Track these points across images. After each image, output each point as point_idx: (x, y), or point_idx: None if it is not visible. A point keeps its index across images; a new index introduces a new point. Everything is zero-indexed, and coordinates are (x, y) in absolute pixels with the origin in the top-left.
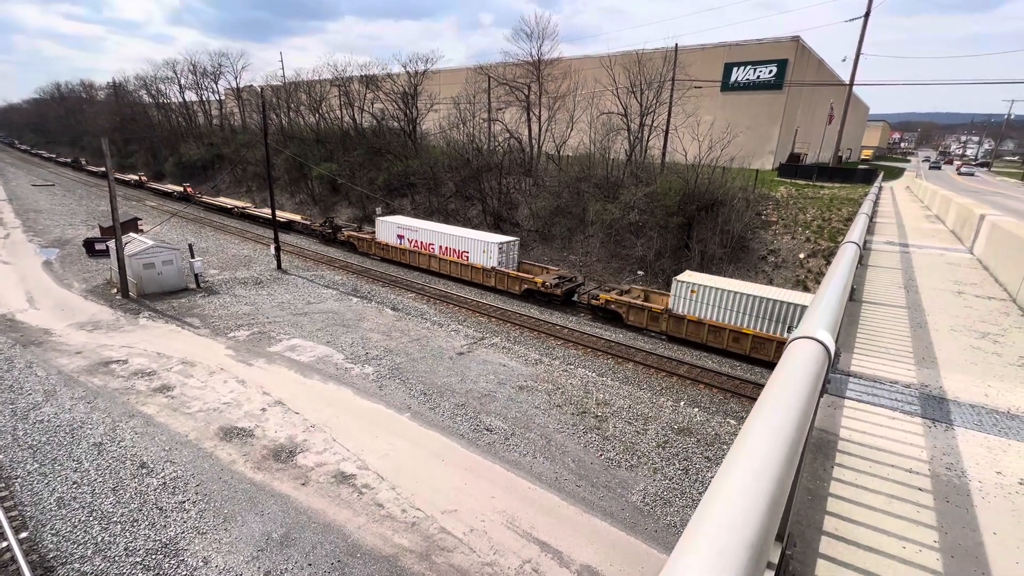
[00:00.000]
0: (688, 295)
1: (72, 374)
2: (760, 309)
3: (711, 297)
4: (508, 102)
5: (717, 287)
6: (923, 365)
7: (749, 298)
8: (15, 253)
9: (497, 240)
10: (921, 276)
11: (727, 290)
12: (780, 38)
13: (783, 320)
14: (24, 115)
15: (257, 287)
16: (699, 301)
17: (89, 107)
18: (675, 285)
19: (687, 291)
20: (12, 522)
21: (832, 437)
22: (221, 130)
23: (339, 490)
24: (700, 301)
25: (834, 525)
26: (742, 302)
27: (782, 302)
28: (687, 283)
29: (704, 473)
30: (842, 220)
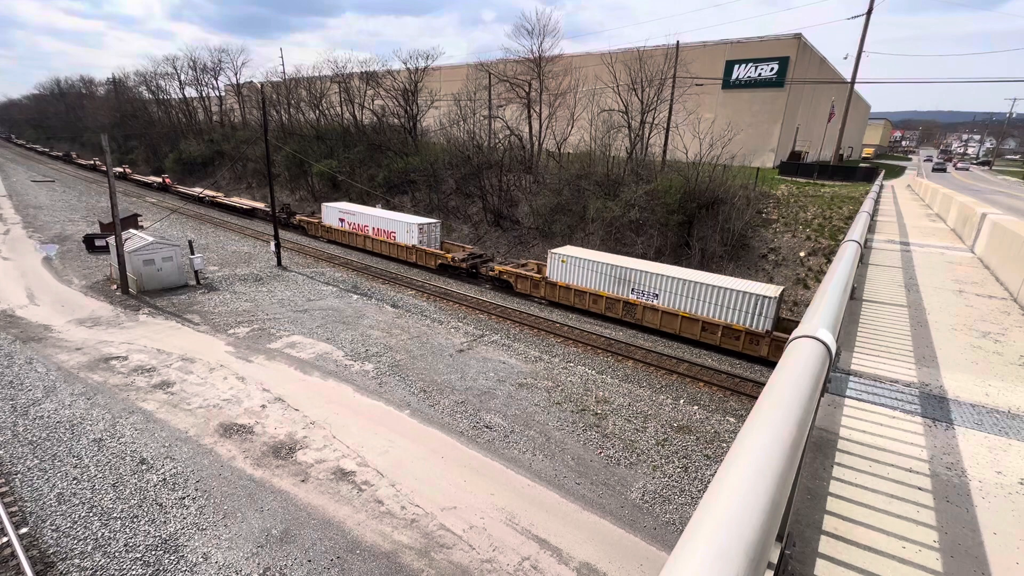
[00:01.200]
0: (560, 264)
1: (72, 370)
2: (615, 276)
3: (577, 266)
4: (509, 99)
5: (581, 258)
6: (923, 364)
7: (606, 266)
8: (15, 249)
9: (418, 221)
10: (922, 275)
11: (589, 260)
12: (782, 36)
13: (630, 283)
14: (24, 111)
15: (257, 284)
16: (568, 270)
17: (89, 103)
18: (550, 256)
19: (559, 261)
20: (12, 518)
21: (832, 436)
22: (221, 126)
23: (339, 487)
24: (569, 270)
25: (834, 524)
26: (602, 270)
27: (631, 269)
28: (559, 254)
29: (703, 471)
30: (843, 218)
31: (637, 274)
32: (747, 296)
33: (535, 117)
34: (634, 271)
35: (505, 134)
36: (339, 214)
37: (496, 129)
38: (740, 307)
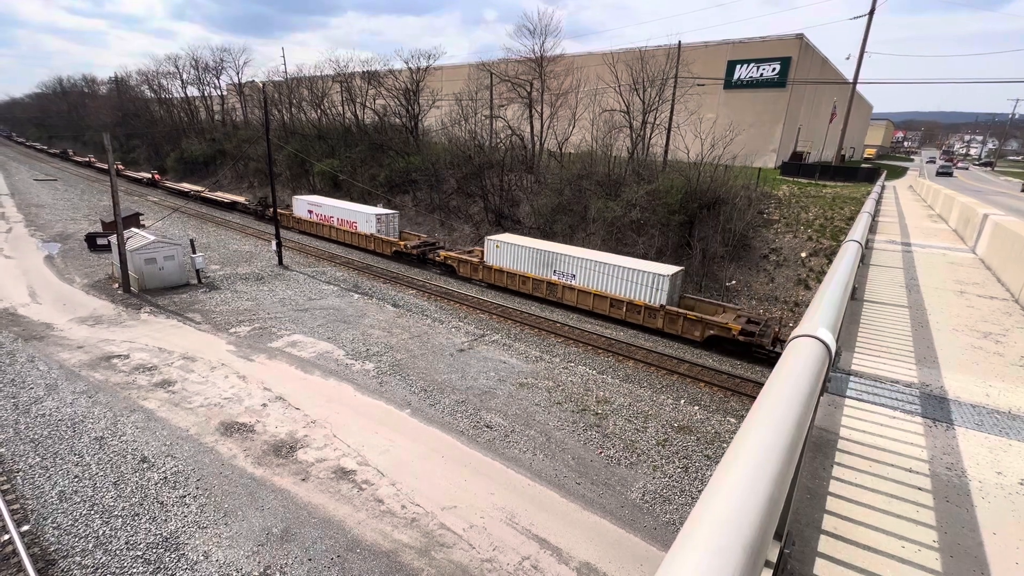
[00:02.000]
0: (495, 250)
1: (74, 368)
2: (540, 259)
3: (510, 251)
4: (510, 99)
5: (513, 243)
6: (924, 364)
7: (532, 251)
8: (17, 247)
9: (376, 212)
10: (923, 275)
11: (519, 245)
12: (784, 36)
13: (552, 266)
14: (26, 109)
15: (258, 283)
16: (503, 255)
17: (91, 102)
18: (487, 243)
19: (494, 247)
20: (14, 515)
21: (832, 436)
22: (223, 125)
23: (339, 486)
24: (503, 255)
25: (833, 524)
26: (529, 255)
27: (552, 252)
28: (494, 240)
29: (704, 471)
30: (844, 219)
31: (557, 257)
32: (645, 275)
33: (537, 117)
34: (555, 254)
35: (507, 134)
36: (308, 206)
37: (497, 129)
38: (640, 284)
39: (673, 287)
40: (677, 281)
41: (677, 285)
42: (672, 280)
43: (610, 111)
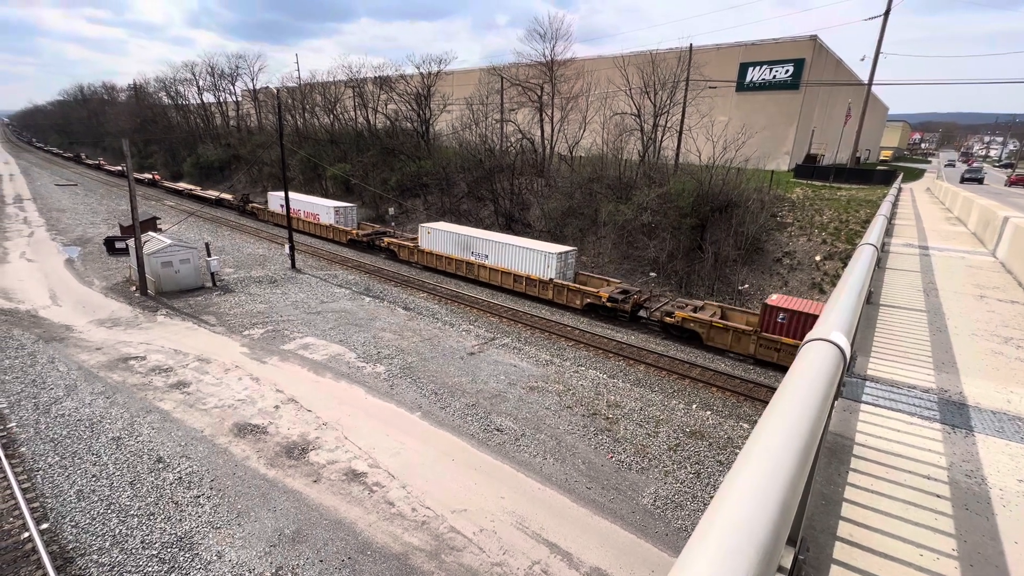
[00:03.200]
0: (427, 235)
1: (92, 369)
2: (460, 242)
3: (438, 236)
4: (521, 103)
5: (440, 229)
6: (942, 370)
7: (454, 235)
8: (39, 251)
9: (334, 205)
10: (941, 279)
11: (444, 231)
12: (797, 37)
13: (470, 248)
14: (48, 116)
15: (272, 286)
16: (433, 240)
17: (111, 109)
18: (420, 229)
19: (426, 232)
20: (34, 513)
21: (847, 441)
22: (238, 131)
23: (350, 488)
24: (434, 240)
25: (848, 530)
26: (452, 238)
27: (469, 236)
28: (426, 227)
29: (716, 477)
30: (860, 222)
31: (473, 240)
32: (538, 253)
33: (547, 121)
34: (471, 238)
35: (517, 138)
36: (279, 201)
37: (508, 133)
38: (535, 262)
39: (564, 264)
40: (568, 260)
41: (569, 263)
42: (560, 258)
43: (621, 114)
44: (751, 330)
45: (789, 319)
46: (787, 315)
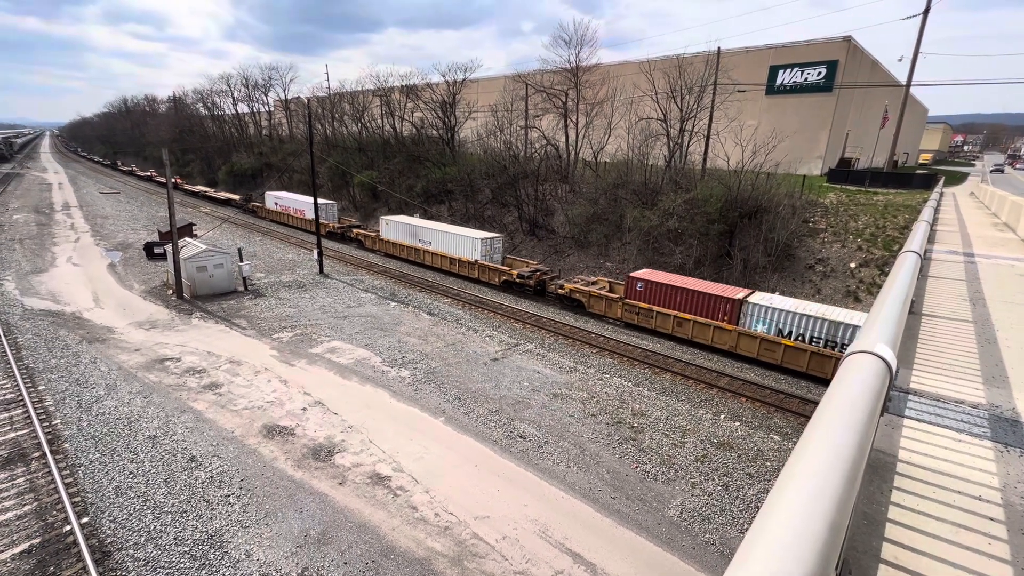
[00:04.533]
0: (386, 227)
1: (131, 370)
2: (410, 231)
3: (395, 227)
4: (545, 109)
5: (397, 221)
6: (992, 384)
7: (406, 225)
8: (84, 256)
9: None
10: (989, 288)
11: (399, 222)
12: (830, 38)
13: (418, 236)
14: (95, 128)
15: (300, 290)
16: (391, 230)
17: (152, 120)
18: (381, 221)
19: (385, 224)
20: (75, 508)
21: (890, 458)
22: (270, 140)
23: (374, 491)
24: (392, 230)
25: (893, 553)
26: (405, 228)
27: (416, 226)
28: (384, 219)
29: (746, 490)
30: (898, 228)
31: (419, 229)
32: (467, 239)
33: (571, 126)
34: (417, 227)
35: (541, 144)
36: (274, 200)
37: (532, 139)
38: (465, 246)
39: (489, 248)
40: (495, 244)
41: (495, 247)
42: (484, 242)
43: (647, 119)
44: (617, 297)
45: (645, 287)
46: (644, 284)
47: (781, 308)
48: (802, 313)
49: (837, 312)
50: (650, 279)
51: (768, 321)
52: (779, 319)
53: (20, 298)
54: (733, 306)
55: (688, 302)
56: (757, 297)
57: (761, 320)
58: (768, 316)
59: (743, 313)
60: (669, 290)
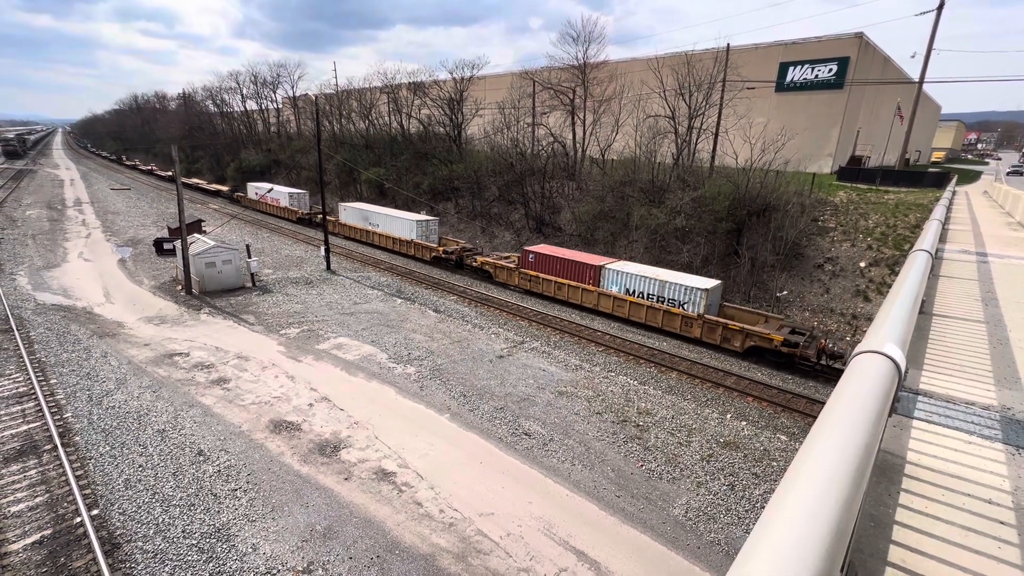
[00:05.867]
0: (344, 212)
1: (140, 364)
2: (362, 216)
3: (352, 213)
4: (553, 106)
5: (350, 207)
6: (1005, 386)
7: (357, 210)
8: (95, 251)
9: (288, 191)
10: (1002, 288)
11: (353, 208)
12: (841, 35)
13: (368, 219)
14: (106, 125)
15: (307, 287)
16: (349, 216)
17: (162, 117)
18: (339, 207)
19: (342, 210)
20: (86, 500)
21: (898, 460)
22: (278, 136)
23: (380, 487)
24: (349, 216)
25: (900, 556)
26: (357, 213)
27: (366, 211)
28: (343, 206)
29: (752, 490)
30: (909, 227)
31: (369, 213)
32: (405, 221)
33: (579, 124)
34: (368, 211)
35: (548, 141)
36: (255, 191)
37: (539, 136)
38: (405, 228)
39: (425, 229)
40: (431, 226)
41: (431, 229)
42: (420, 224)
43: (654, 117)
44: (514, 266)
45: (535, 258)
46: (534, 256)
47: (627, 272)
48: (641, 275)
49: (666, 274)
50: (538, 251)
51: (620, 283)
52: (626, 281)
53: (32, 293)
54: (595, 272)
55: (565, 269)
56: (613, 264)
57: (615, 282)
58: (619, 279)
59: (602, 277)
60: (552, 260)
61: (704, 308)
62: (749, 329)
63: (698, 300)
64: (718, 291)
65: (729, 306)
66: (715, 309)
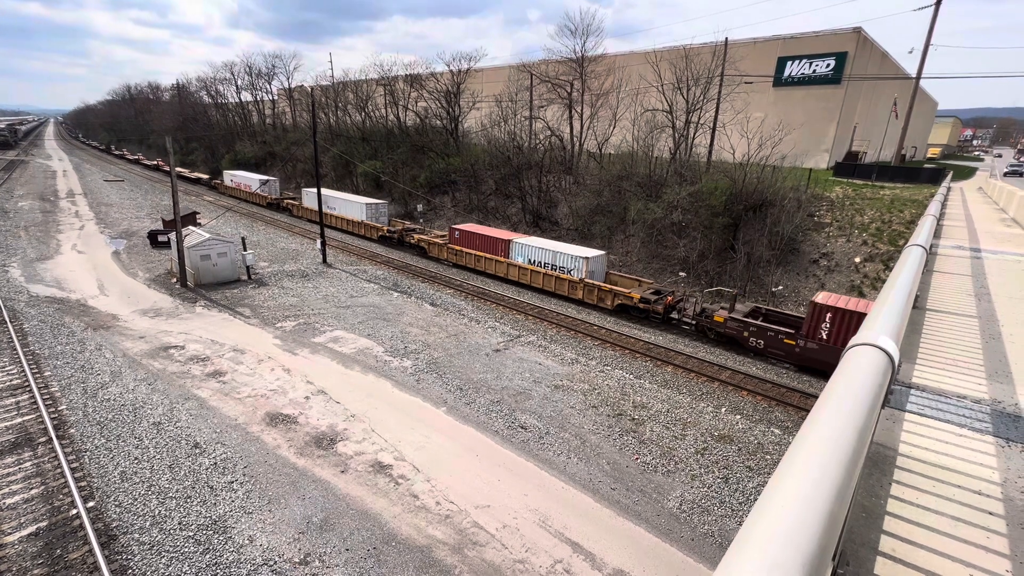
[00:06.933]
0: (305, 197)
1: (135, 357)
2: (325, 200)
3: (311, 197)
4: (550, 99)
5: (310, 192)
6: (996, 379)
7: (326, 196)
8: (88, 244)
9: (259, 178)
10: (995, 284)
11: (312, 193)
12: (839, 29)
13: (328, 204)
14: (98, 115)
15: (303, 280)
16: (309, 200)
17: (155, 107)
18: (301, 192)
19: (305, 195)
20: (81, 492)
21: (890, 452)
22: (273, 129)
23: (376, 479)
24: (309, 200)
25: (891, 546)
26: (313, 198)
27: (326, 196)
28: (304, 191)
29: (745, 483)
30: (904, 223)
31: (327, 197)
32: (355, 204)
33: (576, 117)
34: (328, 196)
35: (546, 135)
36: (230, 178)
37: (537, 130)
38: (355, 211)
39: (375, 212)
40: (380, 210)
41: (381, 212)
42: (369, 208)
43: (652, 111)
44: (443, 242)
45: (460, 235)
46: (460, 232)
47: (529, 244)
48: (539, 247)
49: (558, 246)
50: (463, 229)
51: (524, 255)
52: (529, 253)
53: (25, 285)
54: (505, 245)
55: (483, 244)
56: (519, 239)
57: (520, 254)
58: (523, 251)
59: (511, 250)
60: (473, 236)
61: (586, 274)
62: (616, 290)
63: (580, 267)
64: (601, 260)
65: (614, 274)
66: (601, 276)
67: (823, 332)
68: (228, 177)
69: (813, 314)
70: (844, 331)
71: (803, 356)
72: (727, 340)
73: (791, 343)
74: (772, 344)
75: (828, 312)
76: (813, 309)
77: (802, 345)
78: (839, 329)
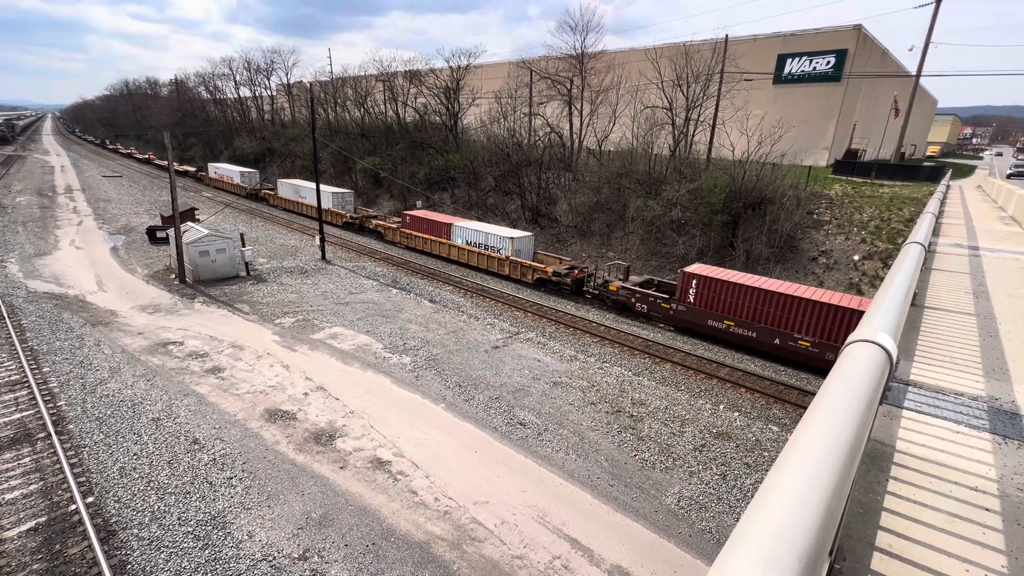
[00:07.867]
0: (281, 187)
1: (134, 353)
2: (295, 191)
3: (285, 187)
4: (550, 96)
5: (286, 182)
6: (993, 377)
7: (290, 185)
8: (87, 240)
9: (240, 170)
10: (993, 282)
11: (288, 183)
12: (840, 27)
13: (300, 192)
14: (96, 111)
15: (302, 276)
16: (285, 191)
17: (153, 103)
18: (277, 183)
19: (280, 185)
20: (80, 487)
21: (887, 448)
22: (272, 124)
23: (375, 475)
24: (285, 191)
25: (888, 541)
26: (290, 188)
27: (298, 185)
28: (280, 181)
29: (743, 480)
30: (903, 221)
31: (299, 188)
32: (324, 194)
33: (576, 114)
34: (298, 186)
35: (545, 132)
36: (214, 170)
37: (536, 127)
38: (325, 199)
39: (341, 200)
40: (347, 198)
41: (347, 200)
42: (335, 196)
43: (652, 108)
44: (396, 227)
45: (411, 220)
46: (410, 218)
47: (466, 227)
48: (474, 229)
49: (489, 228)
50: (413, 215)
51: (462, 236)
52: (466, 235)
53: (24, 280)
54: (447, 228)
55: (430, 228)
56: (458, 222)
57: (459, 236)
58: (462, 233)
59: (452, 233)
60: (421, 220)
61: (512, 252)
62: (534, 265)
63: (507, 246)
64: (527, 241)
65: (541, 253)
66: (528, 255)
67: (690, 296)
68: (212, 169)
69: (683, 281)
70: (709, 296)
71: (676, 317)
72: (620, 306)
73: (667, 307)
74: (653, 308)
75: (694, 279)
76: (683, 277)
77: (675, 308)
78: (703, 293)
